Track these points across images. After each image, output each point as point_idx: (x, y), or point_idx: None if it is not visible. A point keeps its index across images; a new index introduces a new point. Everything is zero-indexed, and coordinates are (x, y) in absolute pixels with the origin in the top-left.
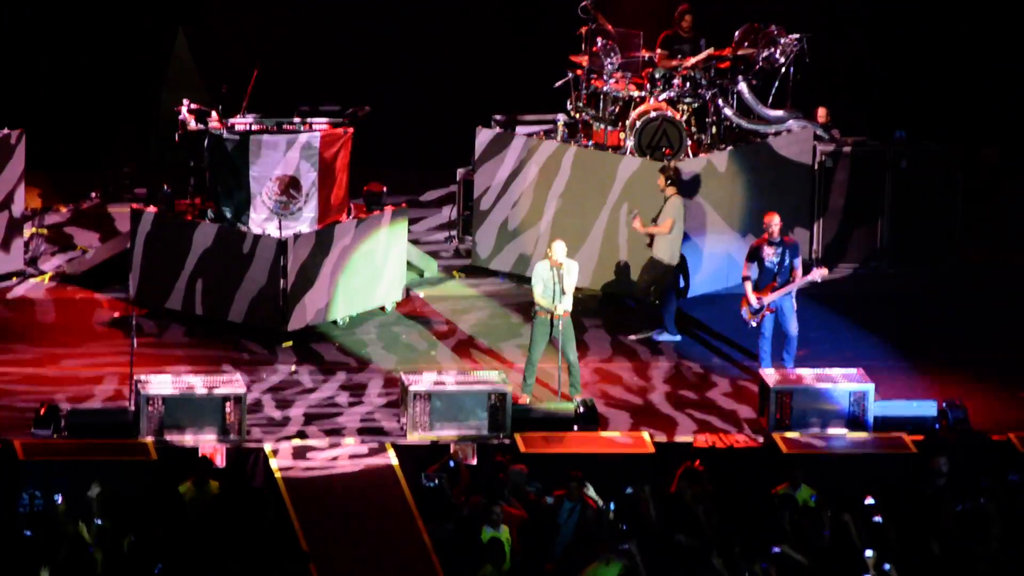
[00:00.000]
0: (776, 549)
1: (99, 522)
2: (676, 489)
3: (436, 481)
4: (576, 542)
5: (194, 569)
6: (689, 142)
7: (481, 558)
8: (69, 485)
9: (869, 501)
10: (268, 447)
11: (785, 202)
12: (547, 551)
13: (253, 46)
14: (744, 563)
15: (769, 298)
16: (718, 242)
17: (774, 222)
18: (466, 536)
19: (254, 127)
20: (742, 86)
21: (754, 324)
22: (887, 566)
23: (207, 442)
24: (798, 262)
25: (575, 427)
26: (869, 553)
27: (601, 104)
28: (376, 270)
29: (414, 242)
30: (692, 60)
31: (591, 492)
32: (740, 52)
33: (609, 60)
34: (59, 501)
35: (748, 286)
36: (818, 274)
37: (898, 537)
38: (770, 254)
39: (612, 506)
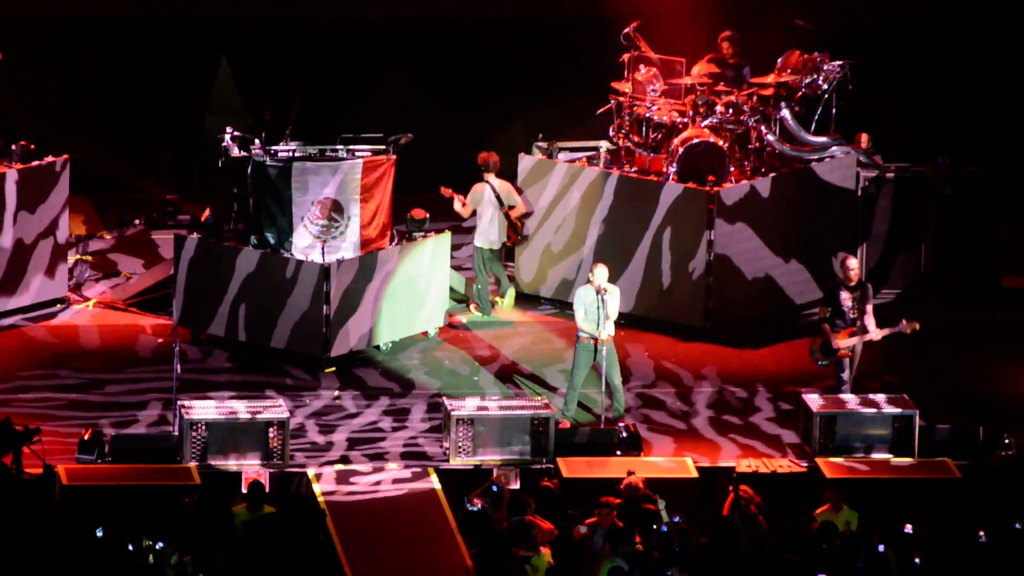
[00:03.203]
0: None
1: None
2: (728, 513)
3: (479, 506)
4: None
5: None
6: (732, 168)
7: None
8: (113, 511)
9: (908, 530)
10: (311, 472)
11: (828, 228)
12: None
13: (296, 73)
14: None
15: (847, 343)
16: (761, 267)
17: (854, 266)
18: (502, 556)
19: (297, 154)
20: (785, 112)
21: (824, 364)
22: None
23: (251, 467)
24: (870, 307)
25: (618, 452)
26: None
27: (644, 130)
28: (419, 295)
29: (457, 268)
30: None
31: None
32: (783, 78)
33: (652, 87)
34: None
35: (827, 328)
36: (906, 327)
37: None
38: (847, 299)
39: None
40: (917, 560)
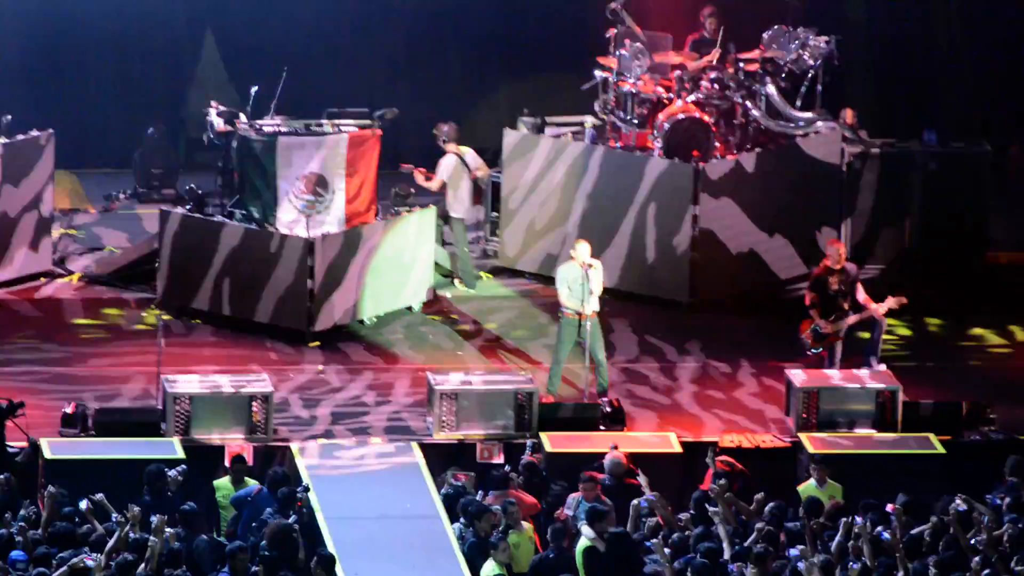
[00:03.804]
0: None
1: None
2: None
3: (461, 481)
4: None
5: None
6: (717, 144)
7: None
8: (97, 484)
9: (890, 509)
10: (295, 446)
11: (813, 203)
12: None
13: (282, 48)
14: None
15: (836, 327)
16: (745, 242)
17: (840, 251)
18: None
19: (282, 129)
20: (770, 88)
21: (813, 352)
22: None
23: (234, 440)
24: (859, 287)
25: (601, 427)
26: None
27: (629, 106)
28: (403, 270)
29: (443, 243)
30: (710, 56)
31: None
32: (768, 54)
33: (637, 62)
34: (85, 507)
35: (815, 314)
36: (894, 302)
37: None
38: (834, 282)
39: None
40: (885, 535)
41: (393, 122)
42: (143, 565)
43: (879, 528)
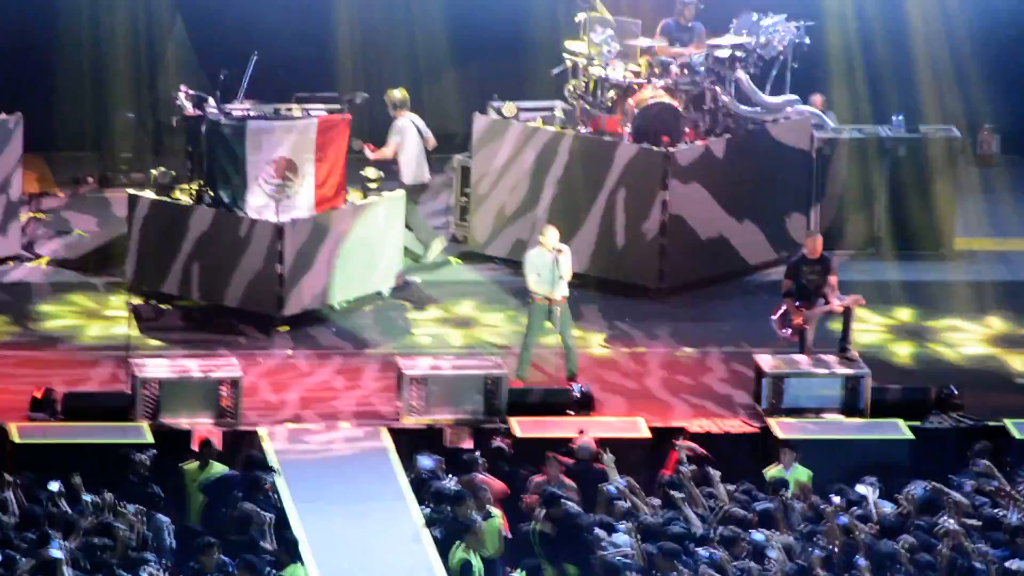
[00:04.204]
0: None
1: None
2: (672, 472)
3: (431, 465)
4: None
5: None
6: (687, 129)
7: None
8: (65, 468)
9: (860, 491)
10: (263, 430)
11: (782, 189)
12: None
13: (251, 32)
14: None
15: (807, 315)
16: (715, 228)
17: (816, 244)
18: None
19: (251, 113)
20: (740, 73)
21: (785, 336)
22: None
23: (202, 425)
24: (834, 279)
25: (570, 412)
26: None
27: (599, 91)
28: (373, 255)
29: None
30: (690, 50)
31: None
32: (738, 40)
33: (607, 48)
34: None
35: (788, 302)
36: (854, 300)
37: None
38: (808, 272)
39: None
40: (843, 518)
41: (362, 107)
42: (109, 551)
43: (840, 516)
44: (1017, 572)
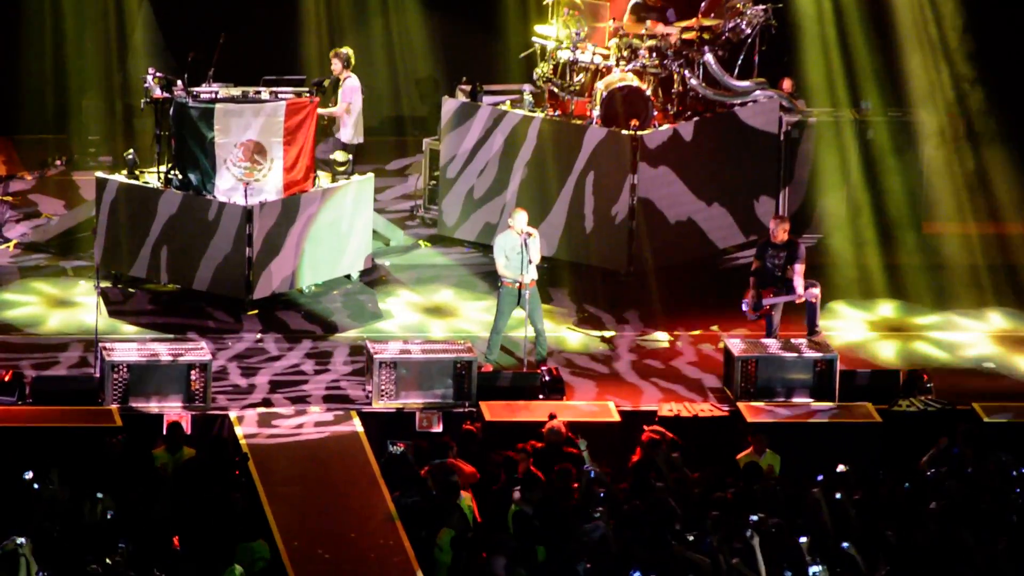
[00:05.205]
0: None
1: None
2: (641, 457)
3: (401, 449)
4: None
5: (165, 534)
6: (655, 112)
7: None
8: (33, 452)
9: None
10: (233, 414)
11: (751, 172)
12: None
13: (219, 15)
14: (719, 535)
15: (769, 300)
16: (684, 211)
17: (780, 228)
18: (429, 501)
19: (220, 96)
20: (708, 57)
21: (754, 318)
22: (845, 544)
23: (172, 409)
24: (799, 267)
25: (540, 396)
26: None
27: (567, 74)
28: (342, 239)
29: (380, 211)
30: (660, 29)
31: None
32: (706, 23)
33: (576, 30)
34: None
35: (753, 282)
36: (811, 294)
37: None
38: (772, 255)
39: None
40: (838, 495)
41: (330, 90)
42: (73, 535)
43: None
44: None
